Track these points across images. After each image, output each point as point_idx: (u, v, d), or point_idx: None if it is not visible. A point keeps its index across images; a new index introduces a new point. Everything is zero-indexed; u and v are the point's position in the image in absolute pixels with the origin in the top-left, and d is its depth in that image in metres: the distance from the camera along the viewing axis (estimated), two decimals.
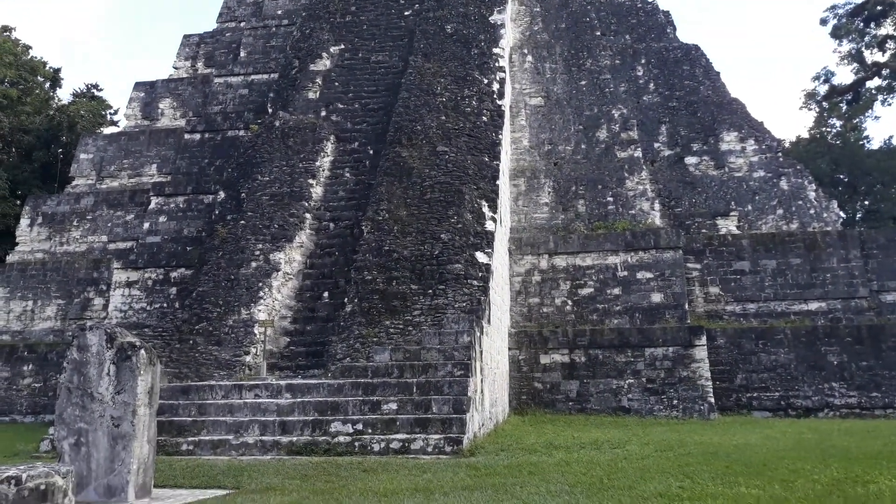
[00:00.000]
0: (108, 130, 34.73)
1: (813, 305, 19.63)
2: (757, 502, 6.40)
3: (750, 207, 21.84)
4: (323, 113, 20.85)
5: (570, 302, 19.17)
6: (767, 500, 6.52)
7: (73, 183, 25.85)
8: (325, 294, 16.29)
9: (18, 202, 32.69)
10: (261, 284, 15.72)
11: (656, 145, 23.34)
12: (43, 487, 6.68)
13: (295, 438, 11.51)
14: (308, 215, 17.70)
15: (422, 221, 16.18)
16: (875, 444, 11.08)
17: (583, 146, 22.33)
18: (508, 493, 7.25)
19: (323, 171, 19.08)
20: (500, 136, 18.75)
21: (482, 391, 13.27)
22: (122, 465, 7.59)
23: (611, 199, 20.86)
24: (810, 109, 52.02)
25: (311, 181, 18.35)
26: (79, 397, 7.83)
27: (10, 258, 24.65)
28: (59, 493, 6.80)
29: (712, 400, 17.04)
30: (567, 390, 17.66)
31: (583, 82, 23.70)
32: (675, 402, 17.04)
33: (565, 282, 19.34)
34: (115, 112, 41.53)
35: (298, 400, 12.32)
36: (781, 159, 22.95)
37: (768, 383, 18.04)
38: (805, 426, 14.51)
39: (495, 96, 20.08)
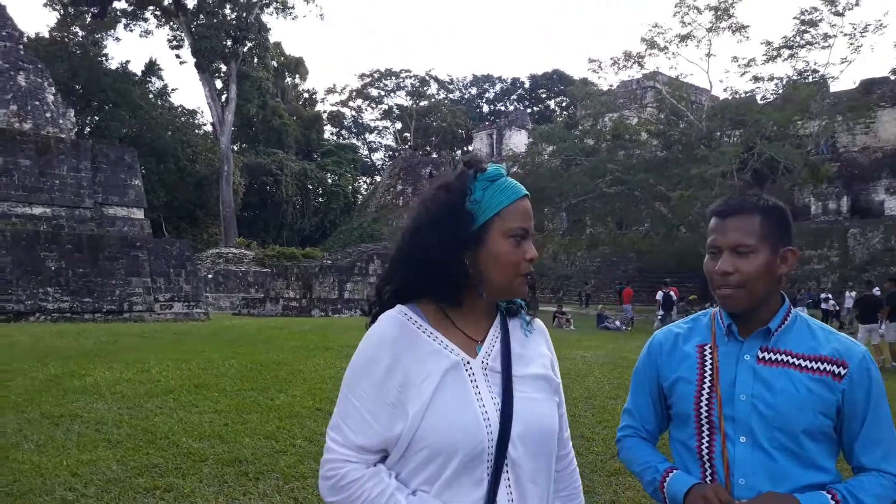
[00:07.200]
0: None
1: (38, 210, 19.23)
2: None
3: None
4: None
5: None
6: None
7: None
8: None
9: None
10: None
11: None
12: None
13: None
14: None
15: None
16: (87, 343, 11.85)
17: None
18: None
19: None
20: None
21: None
22: None
23: None
24: (55, 9, 50.00)
25: None
26: None
27: None
28: None
29: None
30: None
31: None
32: None
33: None
34: None
35: None
36: (23, 53, 21.45)
37: None
38: (17, 330, 14.22)
39: None
